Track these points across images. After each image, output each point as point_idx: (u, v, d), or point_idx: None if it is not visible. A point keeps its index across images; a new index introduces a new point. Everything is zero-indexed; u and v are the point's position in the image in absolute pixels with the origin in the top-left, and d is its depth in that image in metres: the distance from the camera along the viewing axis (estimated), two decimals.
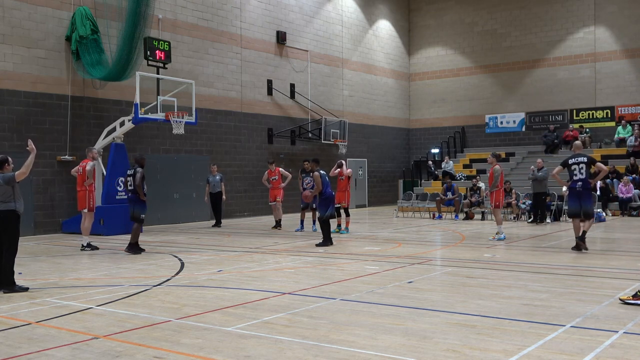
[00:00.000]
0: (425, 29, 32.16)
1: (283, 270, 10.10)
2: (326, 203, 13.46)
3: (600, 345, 5.39)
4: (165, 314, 6.90)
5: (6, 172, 8.61)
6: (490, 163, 14.72)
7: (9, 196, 8.47)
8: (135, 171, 12.65)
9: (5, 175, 8.53)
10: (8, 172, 8.61)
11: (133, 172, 12.67)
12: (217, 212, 19.03)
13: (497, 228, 14.40)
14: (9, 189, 8.47)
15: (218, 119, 22.25)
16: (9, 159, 8.74)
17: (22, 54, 16.87)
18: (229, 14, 22.78)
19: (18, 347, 5.64)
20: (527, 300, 7.33)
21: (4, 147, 16.39)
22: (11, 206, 8.46)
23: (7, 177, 8.50)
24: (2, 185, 8.44)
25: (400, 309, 7.01)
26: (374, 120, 30.26)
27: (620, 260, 10.62)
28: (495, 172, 14.30)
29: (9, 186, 8.47)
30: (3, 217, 8.42)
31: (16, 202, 8.51)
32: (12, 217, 8.47)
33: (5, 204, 8.44)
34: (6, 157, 8.74)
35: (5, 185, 8.45)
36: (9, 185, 8.47)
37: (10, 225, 8.46)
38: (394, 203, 28.59)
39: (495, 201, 14.41)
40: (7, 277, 8.44)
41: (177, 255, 12.09)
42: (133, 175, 12.62)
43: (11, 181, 8.49)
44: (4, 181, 8.45)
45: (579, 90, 27.93)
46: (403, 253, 12.08)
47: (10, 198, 8.47)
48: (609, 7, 27.21)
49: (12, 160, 8.84)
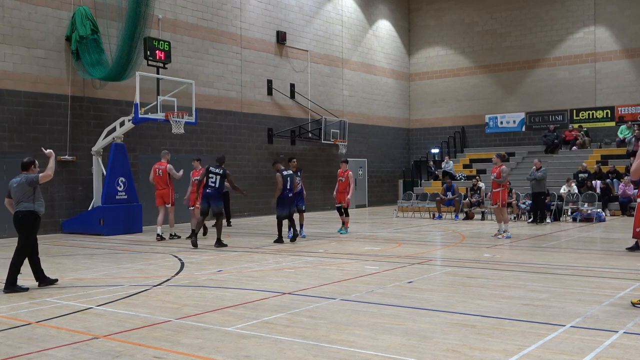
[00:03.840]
0: (425, 29, 32.16)
1: (283, 270, 10.10)
2: (282, 203, 13.85)
3: (601, 345, 5.39)
4: (165, 314, 6.90)
5: (31, 173, 8.78)
6: (495, 163, 14.96)
7: (29, 197, 8.65)
8: (224, 172, 13.59)
9: (29, 176, 8.70)
10: (33, 174, 8.77)
11: (223, 172, 13.55)
12: (226, 211, 18.98)
13: (505, 226, 14.69)
14: (29, 190, 8.64)
15: (218, 119, 22.26)
16: (35, 162, 8.93)
17: (22, 54, 16.87)
18: (229, 14, 22.79)
19: (18, 347, 5.64)
20: (527, 300, 7.33)
21: (4, 147, 16.41)
22: (30, 207, 8.63)
23: (30, 178, 8.67)
24: (24, 185, 8.62)
25: (400, 309, 7.01)
26: (374, 120, 30.26)
27: (620, 261, 10.61)
28: (503, 172, 14.55)
29: (30, 187, 8.64)
30: (22, 217, 8.61)
31: (35, 203, 8.68)
32: (30, 218, 8.65)
33: (26, 204, 8.62)
34: (33, 160, 8.94)
35: (27, 186, 8.62)
36: (31, 186, 8.64)
37: (28, 225, 8.64)
38: (394, 203, 28.59)
39: (502, 200, 14.66)
40: (11, 275, 8.51)
41: (177, 255, 12.08)
42: (223, 175, 13.51)
43: (34, 183, 8.66)
44: (27, 182, 8.63)
45: (579, 90, 27.93)
46: (403, 253, 12.08)
47: (30, 199, 8.64)
48: (609, 7, 27.21)
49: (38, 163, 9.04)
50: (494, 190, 14.89)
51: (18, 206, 8.63)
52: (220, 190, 13.59)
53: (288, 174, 14.02)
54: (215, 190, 13.49)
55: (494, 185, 14.88)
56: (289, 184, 13.91)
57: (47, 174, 8.74)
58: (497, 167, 14.86)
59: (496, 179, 14.69)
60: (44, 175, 8.71)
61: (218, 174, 13.53)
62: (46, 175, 8.72)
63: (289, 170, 14.26)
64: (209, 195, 13.49)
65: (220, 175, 13.50)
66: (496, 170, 14.79)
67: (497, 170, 14.76)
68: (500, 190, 14.67)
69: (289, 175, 14.03)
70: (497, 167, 14.86)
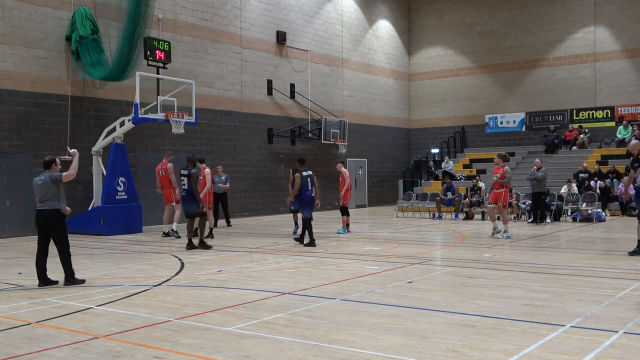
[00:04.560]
0: (425, 29, 32.16)
1: (283, 270, 10.10)
2: (305, 204, 13.50)
3: (601, 345, 5.39)
4: (165, 314, 6.90)
5: (53, 172, 8.86)
6: (497, 164, 14.85)
7: (54, 196, 8.74)
8: (190, 173, 13.08)
9: (53, 174, 8.79)
10: (55, 172, 8.86)
11: (188, 173, 13.11)
12: (225, 212, 18.99)
13: (505, 227, 14.66)
14: (54, 189, 8.74)
15: (218, 119, 22.26)
16: (56, 160, 9.04)
17: (22, 54, 16.87)
18: (229, 14, 22.79)
19: (18, 347, 5.64)
20: (527, 300, 7.33)
21: (4, 147, 16.40)
22: (55, 205, 8.73)
23: (54, 176, 8.76)
24: (48, 184, 8.70)
25: (400, 309, 7.01)
26: (374, 120, 30.27)
27: (620, 261, 10.61)
28: (507, 173, 14.54)
29: (54, 185, 8.73)
30: (50, 216, 8.71)
31: (60, 201, 8.79)
32: (58, 216, 8.77)
33: (51, 202, 8.71)
34: (54, 158, 9.04)
35: (51, 184, 8.71)
36: (55, 184, 8.74)
37: (57, 224, 8.79)
38: (394, 203, 28.59)
39: (504, 201, 14.64)
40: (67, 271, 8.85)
41: (177, 255, 12.08)
42: (188, 176, 13.08)
43: (58, 181, 8.76)
44: (51, 180, 8.71)
45: (579, 90, 27.93)
46: (403, 253, 12.08)
47: (54, 197, 8.75)
48: (609, 7, 27.21)
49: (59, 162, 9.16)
50: (496, 190, 14.77)
51: (43, 205, 8.72)
52: (191, 192, 13.10)
53: (308, 174, 13.74)
54: (187, 192, 13.18)
55: (496, 186, 14.74)
56: (310, 185, 13.65)
57: (70, 173, 8.86)
58: (499, 167, 14.76)
59: (500, 179, 14.62)
60: (68, 174, 8.84)
61: (185, 176, 13.22)
62: (69, 175, 8.85)
63: (309, 171, 13.97)
64: (182, 198, 13.42)
65: (187, 177, 13.16)
66: (499, 170, 14.69)
67: (500, 170, 14.66)
68: (504, 190, 14.64)
69: (309, 175, 13.75)
70: (499, 167, 14.76)
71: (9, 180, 16.41)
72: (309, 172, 13.84)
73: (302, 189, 13.49)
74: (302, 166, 14.27)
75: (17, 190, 16.54)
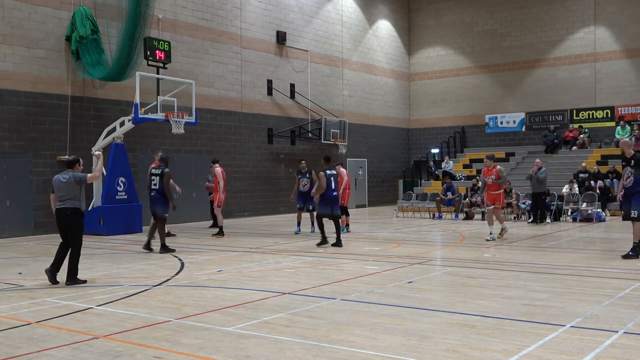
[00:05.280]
0: (425, 29, 32.16)
1: (283, 270, 10.10)
2: (324, 204, 13.24)
3: (601, 345, 5.39)
4: (165, 314, 6.90)
5: (76, 172, 8.94)
6: (488, 166, 14.30)
7: (76, 195, 8.83)
8: (163, 172, 12.80)
9: (77, 175, 8.87)
10: (78, 172, 8.95)
11: (161, 172, 12.81)
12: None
13: (498, 227, 14.57)
14: (77, 188, 8.83)
15: (218, 119, 22.25)
16: (80, 160, 9.14)
17: (22, 54, 16.87)
18: (229, 14, 22.78)
19: (18, 347, 5.64)
20: (527, 300, 7.33)
21: (4, 147, 16.40)
22: (77, 204, 8.83)
23: (78, 177, 8.85)
24: (72, 183, 8.78)
25: (400, 309, 7.01)
26: (374, 120, 30.26)
27: (620, 261, 10.61)
28: (502, 172, 14.21)
29: (78, 185, 8.81)
30: (71, 214, 8.80)
31: (81, 201, 8.89)
32: (79, 215, 8.88)
33: (72, 201, 8.80)
34: (77, 158, 9.14)
35: (75, 184, 8.79)
36: (79, 184, 8.83)
37: (77, 222, 8.87)
38: (394, 203, 28.58)
39: (502, 202, 14.55)
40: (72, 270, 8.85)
41: (177, 255, 12.08)
42: (160, 175, 12.77)
43: (82, 181, 8.85)
44: (75, 180, 8.80)
45: (579, 90, 27.93)
46: (403, 253, 12.08)
47: (77, 197, 8.84)
48: (609, 7, 27.21)
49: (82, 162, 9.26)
50: (492, 192, 14.26)
51: (64, 203, 8.78)
52: (162, 192, 12.71)
53: (332, 173, 13.42)
54: (157, 192, 12.71)
55: (493, 187, 14.25)
56: (333, 184, 13.34)
57: (95, 175, 9.07)
58: (490, 169, 14.24)
59: (496, 180, 14.14)
60: (92, 176, 9.00)
61: (157, 175, 12.80)
62: (94, 177, 9.03)
63: (333, 170, 13.72)
64: (152, 199, 12.76)
65: (159, 176, 12.74)
66: (492, 171, 14.20)
67: (493, 171, 14.19)
68: (501, 192, 14.39)
69: (333, 175, 13.43)
70: (490, 169, 14.24)
71: (9, 180, 16.41)
72: (333, 171, 13.52)
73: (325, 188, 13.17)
74: (327, 164, 13.86)
75: (17, 190, 16.55)
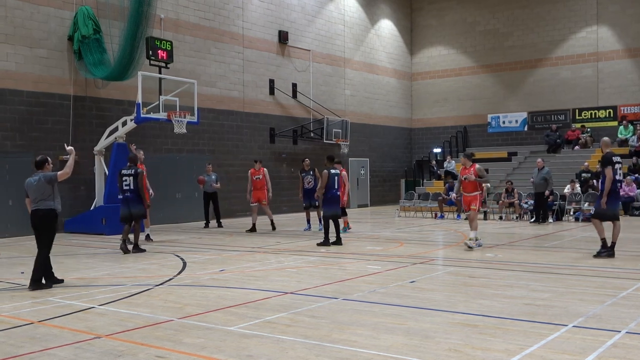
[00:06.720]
0: (427, 29, 32.14)
1: (285, 269, 10.10)
2: (329, 203, 13.29)
3: (603, 345, 5.38)
4: (167, 313, 6.90)
5: (46, 171, 8.80)
6: (464, 164, 12.80)
7: (49, 195, 8.67)
8: (136, 172, 12.65)
9: (47, 174, 8.72)
10: (48, 172, 8.80)
11: (134, 173, 12.64)
12: (216, 212, 18.88)
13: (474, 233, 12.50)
14: (49, 188, 8.66)
15: (220, 118, 22.26)
16: (48, 159, 8.96)
17: (24, 54, 16.89)
18: (231, 14, 22.79)
19: (20, 347, 5.65)
20: (529, 300, 7.32)
21: (7, 146, 16.43)
22: (50, 205, 8.66)
23: (48, 176, 8.69)
24: (43, 184, 8.63)
25: (402, 308, 7.01)
26: (376, 120, 30.26)
27: (623, 260, 10.59)
28: (479, 171, 12.49)
29: (49, 185, 8.66)
30: (43, 215, 8.63)
31: (55, 201, 8.72)
32: (52, 216, 8.70)
33: (45, 202, 8.64)
34: (46, 157, 8.95)
35: (46, 184, 8.63)
36: (50, 184, 8.66)
37: (49, 223, 8.69)
38: (396, 203, 28.55)
39: (479, 204, 12.73)
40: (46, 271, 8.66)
41: (179, 255, 12.09)
42: (134, 176, 12.61)
43: (52, 180, 8.68)
44: (46, 180, 8.64)
45: (581, 89, 27.90)
46: (405, 253, 12.08)
47: (50, 197, 8.67)
48: (611, 7, 27.17)
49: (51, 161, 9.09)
50: (469, 194, 12.64)
51: (37, 204, 8.63)
52: (137, 192, 12.64)
53: (335, 172, 13.43)
54: (132, 192, 12.60)
55: (469, 188, 12.60)
56: (336, 183, 13.32)
57: (65, 171, 8.80)
58: (467, 168, 12.64)
59: (476, 177, 12.38)
60: (63, 172, 8.77)
61: (130, 175, 12.67)
62: (65, 173, 8.78)
63: (337, 169, 13.72)
64: (128, 199, 12.61)
65: (132, 176, 12.63)
66: (469, 170, 12.53)
67: (471, 170, 12.51)
68: (477, 194, 12.58)
69: (336, 174, 13.43)
70: (467, 168, 12.64)
71: (11, 180, 16.42)
72: (336, 171, 13.51)
73: (327, 187, 13.20)
74: (331, 163, 13.83)
75: (20, 190, 16.45)
